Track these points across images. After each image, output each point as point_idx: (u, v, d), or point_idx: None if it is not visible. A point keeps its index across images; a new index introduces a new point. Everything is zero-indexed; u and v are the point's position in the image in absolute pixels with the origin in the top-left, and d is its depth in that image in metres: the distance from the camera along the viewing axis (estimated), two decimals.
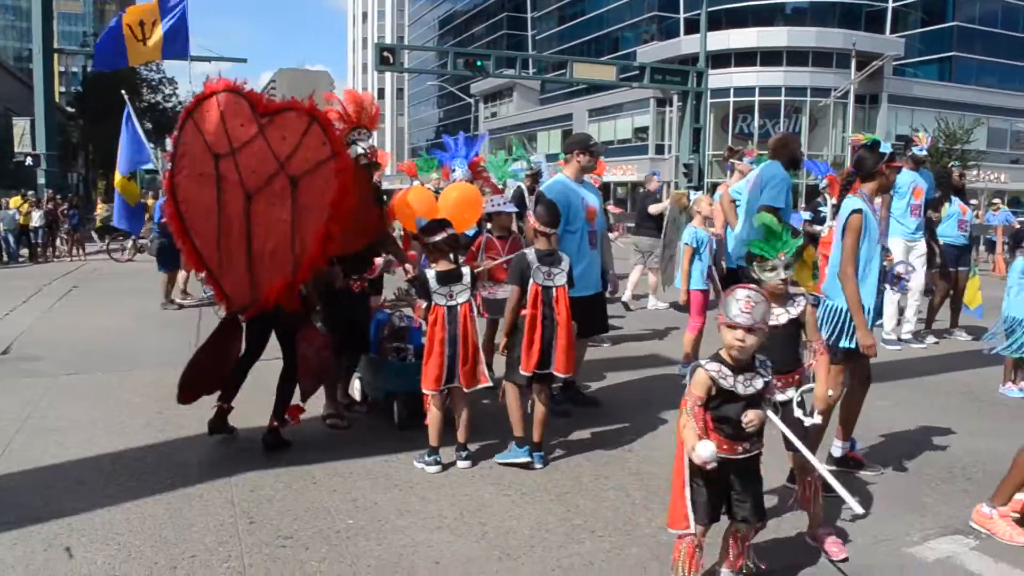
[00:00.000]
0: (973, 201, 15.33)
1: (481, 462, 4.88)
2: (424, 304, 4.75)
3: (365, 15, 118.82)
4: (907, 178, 8.06)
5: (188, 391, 5.19)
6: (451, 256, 4.87)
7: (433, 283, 4.73)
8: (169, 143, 5.17)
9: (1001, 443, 5.05)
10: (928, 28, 56.85)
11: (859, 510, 3.21)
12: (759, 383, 3.12)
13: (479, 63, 29.36)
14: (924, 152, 8.60)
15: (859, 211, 4.33)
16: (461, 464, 4.81)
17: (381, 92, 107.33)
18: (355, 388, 6.12)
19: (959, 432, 5.61)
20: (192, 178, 4.81)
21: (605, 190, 10.17)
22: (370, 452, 5.01)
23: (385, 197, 6.30)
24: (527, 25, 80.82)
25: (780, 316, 3.65)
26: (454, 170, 7.76)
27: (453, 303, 4.72)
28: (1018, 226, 21.14)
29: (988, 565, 3.68)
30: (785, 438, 3.39)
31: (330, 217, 4.76)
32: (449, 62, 29.13)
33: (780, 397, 3.59)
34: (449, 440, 4.85)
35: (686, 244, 7.05)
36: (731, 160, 8.39)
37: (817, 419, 3.62)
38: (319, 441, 5.27)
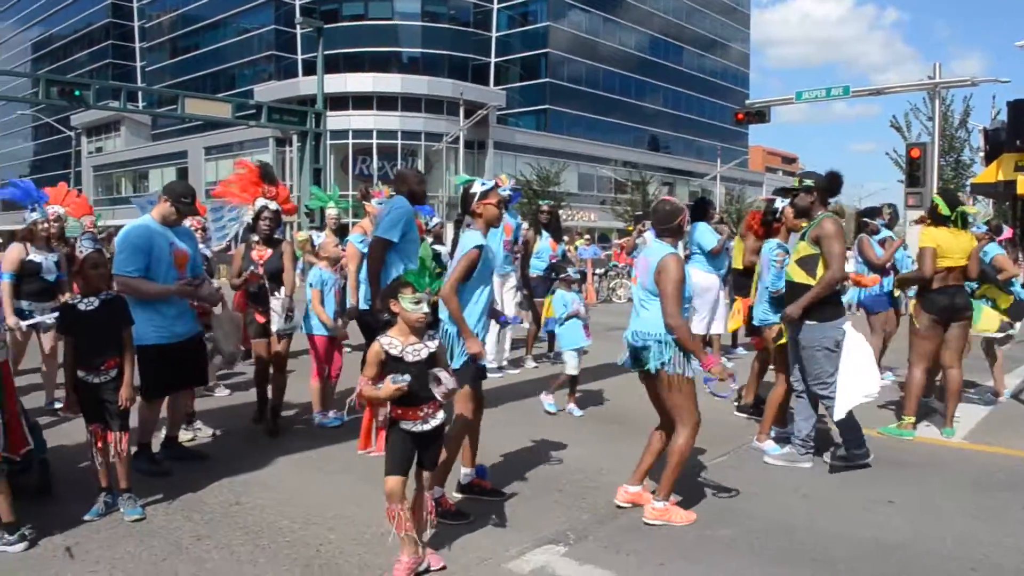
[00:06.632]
0: (566, 237, 17.02)
1: (67, 531, 4.31)
2: None
3: None
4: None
5: None
6: None
7: None
8: None
9: (582, 450, 5.70)
10: (526, 83, 63.16)
11: None
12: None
13: (77, 92, 26.70)
14: (507, 192, 9.34)
15: (480, 247, 4.53)
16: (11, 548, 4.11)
17: None
18: None
19: (549, 448, 6.10)
20: None
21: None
22: None
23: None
24: (135, 56, 75.63)
25: (421, 351, 3.78)
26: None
27: None
28: (604, 258, 24.12)
29: (575, 569, 4.02)
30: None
31: None
32: (41, 90, 26.04)
33: (430, 425, 3.79)
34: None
35: (312, 287, 6.79)
36: (362, 201, 8.27)
37: None
38: None
